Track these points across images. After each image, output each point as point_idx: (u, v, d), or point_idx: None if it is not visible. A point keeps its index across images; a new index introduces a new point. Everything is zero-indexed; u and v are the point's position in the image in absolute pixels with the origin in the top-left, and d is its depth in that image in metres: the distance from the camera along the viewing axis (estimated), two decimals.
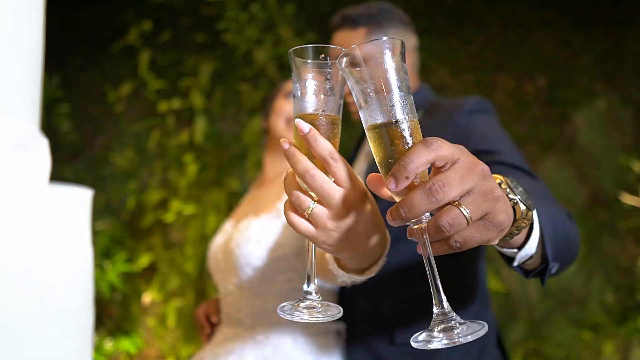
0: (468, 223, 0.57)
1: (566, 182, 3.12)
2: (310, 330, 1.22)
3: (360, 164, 1.40)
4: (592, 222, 3.04)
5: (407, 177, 0.57)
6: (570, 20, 3.23)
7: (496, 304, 3.02)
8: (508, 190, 0.66)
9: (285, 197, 1.29)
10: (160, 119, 3.56)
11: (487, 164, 1.05)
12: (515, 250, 0.74)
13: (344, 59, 0.66)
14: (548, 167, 3.15)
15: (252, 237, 1.23)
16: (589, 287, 2.99)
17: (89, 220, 0.36)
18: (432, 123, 1.24)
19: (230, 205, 3.50)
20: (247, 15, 3.35)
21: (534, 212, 0.71)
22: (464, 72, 3.32)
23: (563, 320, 2.98)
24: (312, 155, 0.66)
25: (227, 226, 1.40)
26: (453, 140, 1.15)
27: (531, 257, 0.76)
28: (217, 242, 1.38)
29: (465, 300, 1.21)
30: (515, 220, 0.65)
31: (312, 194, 0.67)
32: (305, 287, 0.71)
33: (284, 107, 1.41)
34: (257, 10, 3.33)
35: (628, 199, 2.81)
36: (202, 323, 1.37)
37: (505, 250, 0.75)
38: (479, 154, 1.10)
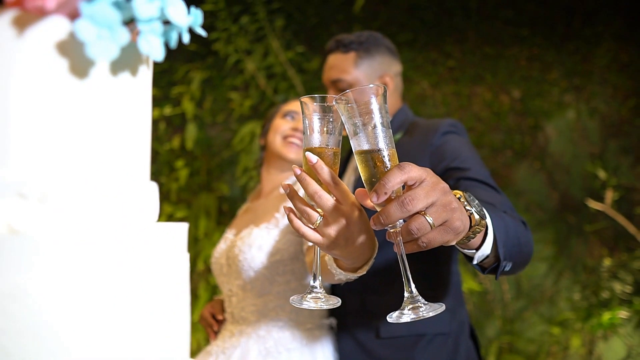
0: (431, 228, 0.73)
1: (538, 187, 3.32)
2: (306, 326, 1.37)
3: (349, 175, 1.56)
4: (561, 225, 3.24)
5: (385, 193, 0.73)
6: (542, 37, 3.43)
7: (473, 303, 3.21)
8: (465, 203, 0.82)
9: (282, 209, 1.45)
10: (152, 124, 3.66)
11: (458, 179, 1.23)
12: (474, 251, 0.90)
13: (340, 99, 0.82)
14: (521, 174, 3.35)
15: (254, 244, 1.38)
16: (558, 286, 3.19)
17: (186, 253, 0.48)
18: (411, 142, 1.40)
19: (220, 209, 3.61)
20: (237, 26, 3.47)
21: (488, 220, 0.88)
22: (443, 84, 3.49)
23: (534, 317, 3.18)
24: (318, 179, 0.82)
25: (229, 234, 1.54)
26: (429, 157, 1.33)
27: (487, 256, 0.92)
28: (220, 248, 1.52)
29: (441, 298, 1.37)
30: (471, 226, 0.82)
31: (319, 210, 0.84)
32: (311, 282, 0.87)
33: (280, 125, 1.55)
34: (247, 21, 3.46)
35: (594, 204, 3.01)
36: (210, 321, 1.51)
37: (465, 251, 0.92)
38: (451, 170, 1.27)
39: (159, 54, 0.38)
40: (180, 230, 0.45)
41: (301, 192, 0.91)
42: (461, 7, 3.51)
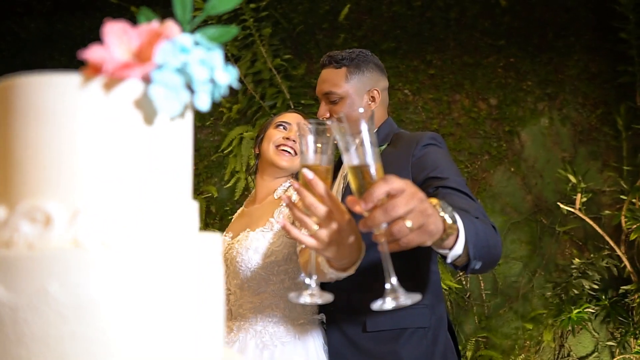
0: (410, 231, 0.86)
1: (513, 191, 3.50)
2: (298, 321, 1.50)
3: (339, 183, 1.69)
4: (535, 226, 3.42)
5: (372, 202, 0.86)
6: (518, 47, 3.60)
7: (452, 300, 3.37)
8: (440, 209, 0.96)
9: (276, 214, 1.57)
10: None
11: (437, 187, 1.36)
12: (448, 250, 1.03)
13: (334, 121, 0.95)
14: (498, 178, 3.52)
15: (250, 246, 1.49)
16: (532, 284, 3.38)
17: (221, 257, 0.59)
18: (395, 153, 1.53)
19: (209, 210, 3.71)
20: None
21: (460, 224, 1.01)
22: (424, 90, 3.64)
23: (509, 314, 3.36)
24: (313, 192, 0.95)
25: (226, 237, 1.65)
26: (411, 167, 1.46)
27: (459, 256, 1.04)
28: None
29: (421, 294, 1.50)
30: (444, 229, 0.95)
31: (314, 218, 0.96)
32: (306, 281, 1.00)
33: (273, 135, 1.67)
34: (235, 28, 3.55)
35: (565, 207, 3.20)
36: None
37: (440, 251, 1.05)
38: (430, 179, 1.40)
39: (207, 107, 0.50)
40: (216, 239, 0.56)
41: (294, 197, 1.04)
42: (442, 17, 3.66)
